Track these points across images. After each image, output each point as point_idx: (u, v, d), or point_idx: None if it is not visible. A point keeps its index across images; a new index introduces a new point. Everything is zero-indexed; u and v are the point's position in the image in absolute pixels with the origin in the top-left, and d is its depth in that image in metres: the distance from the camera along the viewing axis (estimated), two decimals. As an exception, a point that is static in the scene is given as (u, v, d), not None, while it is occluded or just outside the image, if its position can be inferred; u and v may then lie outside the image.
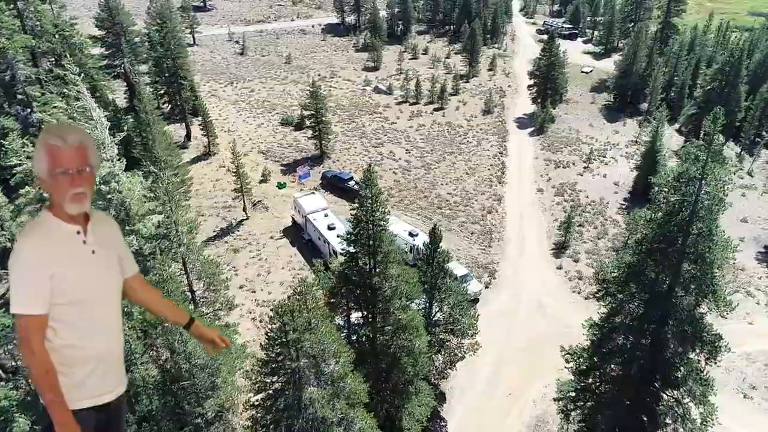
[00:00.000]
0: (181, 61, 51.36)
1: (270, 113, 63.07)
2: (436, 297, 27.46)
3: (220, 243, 41.14)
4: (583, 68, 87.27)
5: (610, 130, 65.93)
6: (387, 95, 71.90)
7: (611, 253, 42.84)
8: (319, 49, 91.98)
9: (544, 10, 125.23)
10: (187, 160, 51.85)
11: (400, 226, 40.82)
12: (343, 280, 21.29)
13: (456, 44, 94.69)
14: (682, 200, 17.68)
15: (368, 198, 19.70)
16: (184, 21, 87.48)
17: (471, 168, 54.43)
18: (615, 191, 52.26)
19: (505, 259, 42.06)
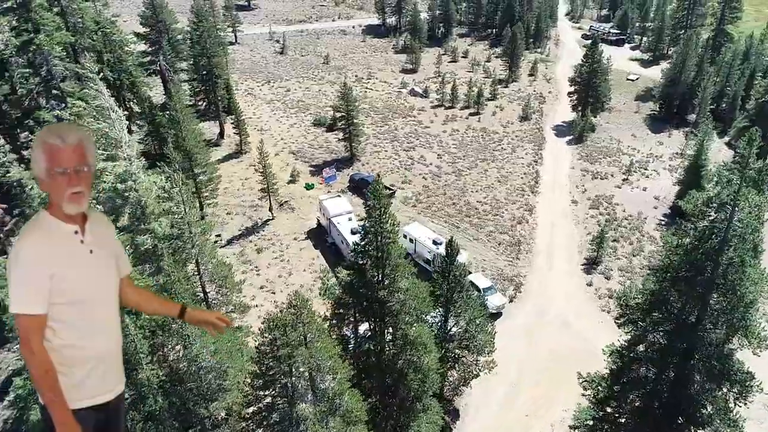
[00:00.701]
0: (217, 59, 51.84)
1: (303, 113, 63.14)
2: (452, 311, 26.55)
3: (244, 242, 41.22)
4: (629, 76, 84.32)
5: (654, 141, 63.27)
6: (423, 98, 71.03)
7: (646, 271, 40.81)
8: (358, 50, 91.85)
9: (591, 15, 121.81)
10: (219, 157, 52.36)
11: (424, 233, 39.99)
12: (350, 292, 20.68)
13: (497, 48, 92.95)
14: (712, 227, 16.31)
15: (376, 209, 19.02)
16: (226, 19, 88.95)
17: (503, 176, 53.03)
18: (654, 206, 49.96)
19: (532, 272, 40.65)
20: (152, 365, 21.73)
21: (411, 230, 40.21)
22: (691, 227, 16.99)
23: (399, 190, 48.90)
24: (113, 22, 51.24)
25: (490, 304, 35.34)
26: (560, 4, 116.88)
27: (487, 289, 36.17)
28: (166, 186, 22.67)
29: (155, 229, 23.56)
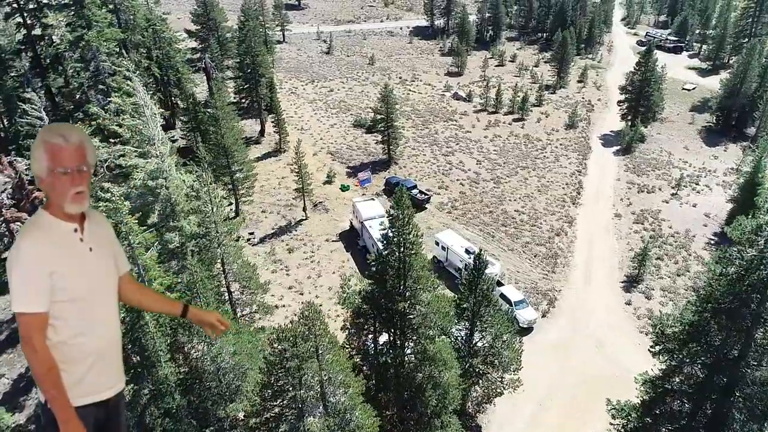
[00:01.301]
0: (261, 58, 52.28)
1: (345, 114, 63.09)
2: (477, 326, 25.69)
3: (276, 241, 41.36)
4: (685, 85, 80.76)
5: (708, 155, 60.22)
6: (466, 102, 69.90)
7: (691, 293, 38.72)
8: (404, 52, 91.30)
9: (648, 20, 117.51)
10: (258, 155, 52.92)
11: (458, 241, 39.11)
12: (370, 302, 20.16)
13: (547, 53, 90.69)
14: (761, 257, 14.96)
15: (399, 219, 18.42)
16: (275, 18, 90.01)
17: (544, 185, 51.46)
18: (704, 223, 47.42)
19: (568, 287, 39.17)
20: (171, 363, 21.85)
21: (444, 237, 39.42)
22: (738, 255, 15.67)
23: (435, 195, 48.13)
24: (164, 20, 52.45)
25: (520, 319, 34.24)
26: (616, 9, 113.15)
27: (519, 302, 35.02)
28: (194, 185, 22.75)
29: (183, 227, 23.72)
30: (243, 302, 25.59)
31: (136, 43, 47.21)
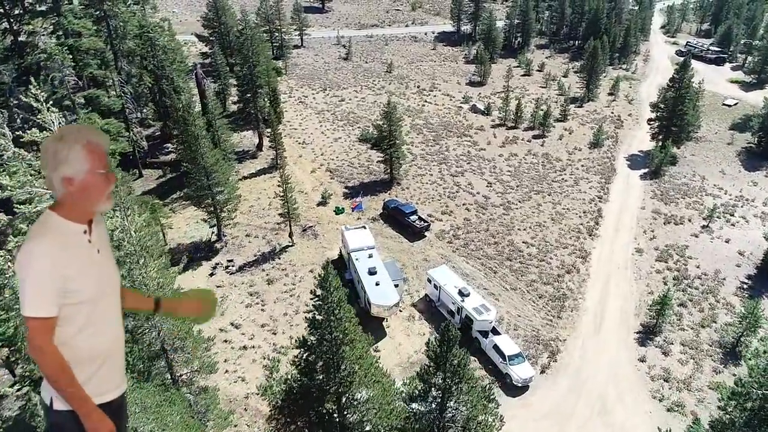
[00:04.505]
0: (259, 69, 49.45)
1: (352, 127, 59.80)
2: (451, 398, 21.97)
3: (257, 270, 38.36)
4: (726, 100, 74.63)
5: (747, 181, 54.69)
6: (484, 116, 65.73)
7: (715, 350, 34.03)
8: (426, 59, 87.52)
9: (690, 29, 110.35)
10: (252, 171, 50.19)
11: (452, 280, 35.33)
12: (294, 398, 16.74)
13: (577, 62, 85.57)
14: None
15: (327, 300, 14.97)
16: (294, 22, 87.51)
17: (559, 213, 47.08)
18: (737, 263, 42.32)
19: (574, 336, 34.94)
20: None
21: (437, 275, 35.70)
22: (758, 392, 11.69)
23: (437, 222, 44.39)
24: (161, 26, 50.20)
25: (514, 377, 30.34)
26: (655, 16, 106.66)
27: (514, 356, 31.06)
28: (116, 233, 19.68)
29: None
30: (179, 361, 22.59)
31: (127, 52, 45.00)
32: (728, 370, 32.78)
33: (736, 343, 33.98)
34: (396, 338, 33.81)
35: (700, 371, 32.51)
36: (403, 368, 31.18)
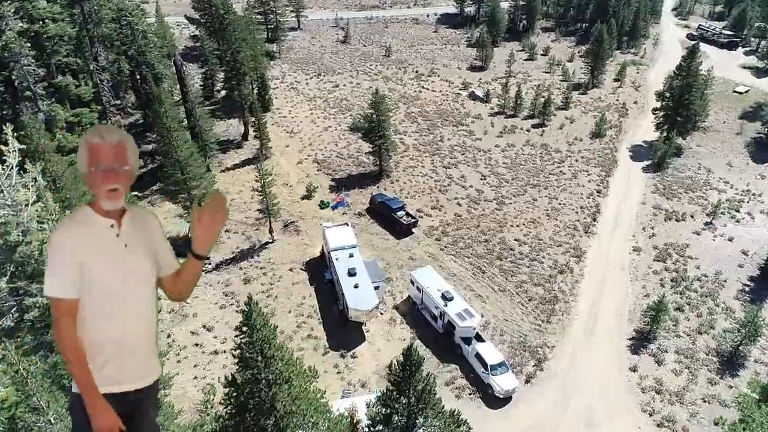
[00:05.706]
0: (243, 54, 47.36)
1: (343, 115, 57.66)
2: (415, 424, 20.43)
3: (234, 268, 36.82)
4: (737, 87, 71.59)
5: (755, 174, 52.28)
6: (483, 103, 63.33)
7: (712, 359, 32.21)
8: (427, 42, 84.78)
9: (702, 11, 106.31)
10: (236, 161, 48.42)
11: (435, 282, 33.59)
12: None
13: (583, 46, 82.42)
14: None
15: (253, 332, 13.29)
16: (290, 3, 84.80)
17: (554, 208, 45.06)
18: (740, 263, 40.27)
19: (563, 342, 33.22)
20: None
21: (420, 277, 33.98)
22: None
23: (426, 218, 42.56)
24: (141, 10, 48.18)
25: (496, 387, 28.77)
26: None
27: (497, 366, 29.44)
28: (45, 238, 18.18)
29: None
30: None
31: (103, 37, 43.06)
32: (725, 381, 31.03)
33: (734, 352, 32.14)
34: (375, 343, 32.28)
35: (695, 382, 30.74)
36: (380, 376, 29.64)
